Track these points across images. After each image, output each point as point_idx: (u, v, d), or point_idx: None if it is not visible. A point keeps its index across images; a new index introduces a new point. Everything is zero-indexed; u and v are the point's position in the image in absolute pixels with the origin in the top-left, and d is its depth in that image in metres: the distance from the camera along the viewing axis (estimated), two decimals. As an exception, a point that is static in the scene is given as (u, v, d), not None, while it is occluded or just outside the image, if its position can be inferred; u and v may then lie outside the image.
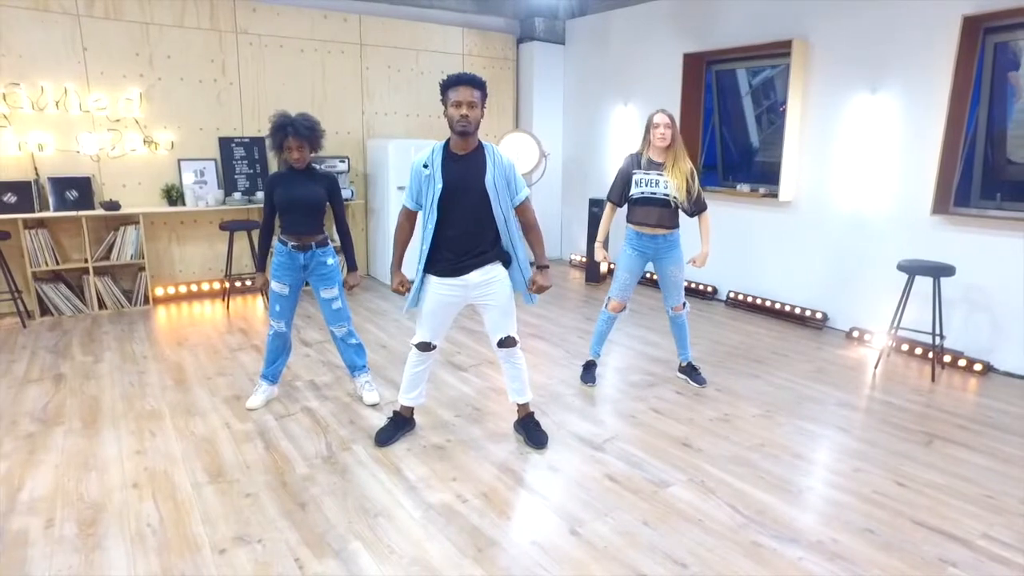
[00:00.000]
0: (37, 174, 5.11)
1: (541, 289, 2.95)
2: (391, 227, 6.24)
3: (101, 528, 2.40)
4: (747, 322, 5.33)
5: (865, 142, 4.76)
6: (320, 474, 2.81)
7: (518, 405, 3.17)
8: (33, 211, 4.98)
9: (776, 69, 5.60)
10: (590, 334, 4.90)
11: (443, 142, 2.84)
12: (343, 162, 6.28)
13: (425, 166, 2.79)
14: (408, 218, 2.95)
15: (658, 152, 3.59)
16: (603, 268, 6.69)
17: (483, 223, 2.83)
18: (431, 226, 2.81)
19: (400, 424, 3.17)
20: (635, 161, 3.65)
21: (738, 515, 2.57)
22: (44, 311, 5.17)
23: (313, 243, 3.36)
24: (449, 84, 2.71)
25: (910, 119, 4.47)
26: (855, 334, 4.92)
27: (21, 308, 4.96)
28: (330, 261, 3.41)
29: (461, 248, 2.83)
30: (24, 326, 4.91)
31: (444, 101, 2.74)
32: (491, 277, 2.89)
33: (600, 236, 3.89)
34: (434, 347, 3.02)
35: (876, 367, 4.29)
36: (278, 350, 3.48)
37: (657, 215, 3.60)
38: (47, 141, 5.14)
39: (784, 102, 5.15)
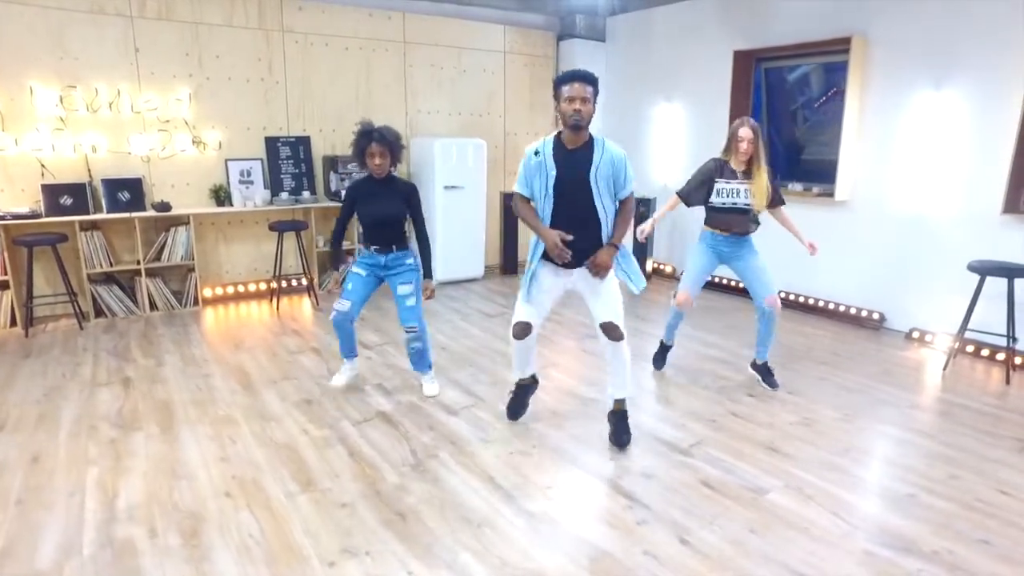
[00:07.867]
0: (91, 176, 5.11)
1: (597, 265, 2.89)
2: (438, 225, 6.21)
3: (204, 539, 2.38)
4: (801, 322, 5.27)
5: (929, 139, 4.67)
6: (412, 483, 2.78)
7: (615, 400, 3.13)
8: (88, 213, 4.97)
9: (812, 65, 5.51)
10: (644, 333, 4.91)
11: (553, 135, 2.91)
12: (387, 161, 6.23)
13: (536, 153, 2.87)
14: (525, 200, 2.98)
15: (740, 162, 3.64)
16: (647, 267, 6.63)
17: (589, 217, 2.89)
18: (547, 214, 2.89)
19: (525, 391, 3.34)
20: (720, 168, 3.68)
21: (843, 522, 2.52)
22: (99, 313, 5.17)
23: (394, 246, 3.48)
24: (563, 80, 2.78)
25: (980, 115, 4.38)
26: (915, 335, 4.85)
27: (77, 310, 4.96)
28: (409, 261, 3.54)
29: (572, 241, 2.88)
30: (81, 328, 4.91)
31: (556, 96, 2.81)
32: None
33: (656, 216, 3.99)
34: (531, 330, 3.06)
35: (945, 369, 4.22)
36: (342, 329, 3.57)
37: (735, 221, 3.70)
38: (100, 143, 5.13)
39: (819, 98, 5.03)
